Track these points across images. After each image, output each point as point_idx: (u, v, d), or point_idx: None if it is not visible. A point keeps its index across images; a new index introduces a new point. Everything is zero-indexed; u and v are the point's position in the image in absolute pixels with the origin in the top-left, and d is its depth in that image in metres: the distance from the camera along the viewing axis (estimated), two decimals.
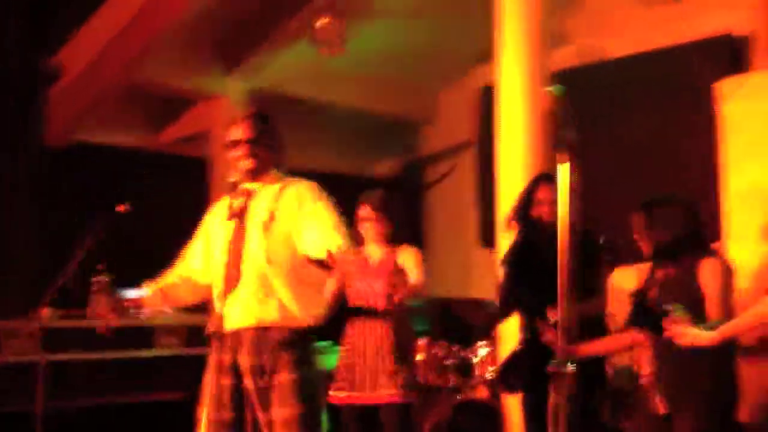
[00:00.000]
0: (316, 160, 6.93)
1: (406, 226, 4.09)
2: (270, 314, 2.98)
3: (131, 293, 4.48)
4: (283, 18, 6.03)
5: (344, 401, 3.85)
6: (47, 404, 4.10)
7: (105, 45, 5.99)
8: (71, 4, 6.38)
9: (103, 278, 3.56)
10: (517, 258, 3.79)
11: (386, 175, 8.09)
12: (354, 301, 3.92)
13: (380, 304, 3.84)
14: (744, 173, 4.44)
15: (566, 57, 6.48)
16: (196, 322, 3.31)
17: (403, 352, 3.82)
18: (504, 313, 3.91)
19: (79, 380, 4.38)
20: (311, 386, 3.00)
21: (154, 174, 6.49)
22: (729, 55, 5.47)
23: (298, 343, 2.99)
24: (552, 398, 2.28)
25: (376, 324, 3.84)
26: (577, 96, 6.15)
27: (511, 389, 3.95)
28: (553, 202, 3.70)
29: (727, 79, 4.68)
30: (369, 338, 3.85)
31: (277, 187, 3.12)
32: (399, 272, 3.50)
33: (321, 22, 5.68)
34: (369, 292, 3.88)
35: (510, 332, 4.15)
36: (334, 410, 3.97)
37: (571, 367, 2.27)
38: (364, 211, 3.96)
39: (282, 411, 2.90)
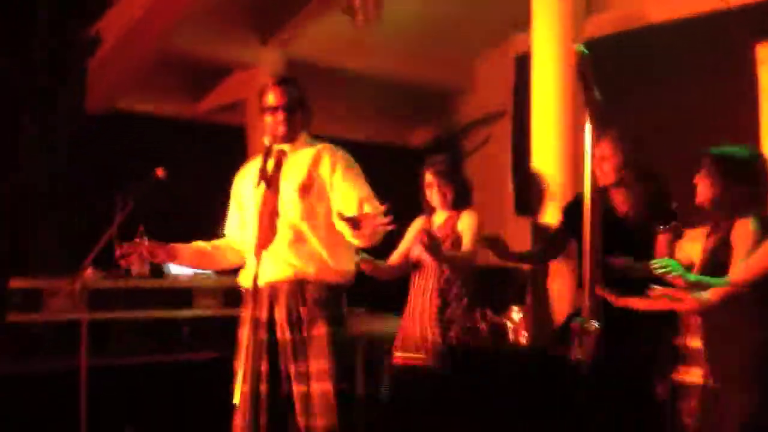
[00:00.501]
0: (352, 129, 6.97)
1: (470, 190, 4.08)
2: (306, 267, 3.05)
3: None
4: None
5: (398, 361, 3.97)
6: (90, 362, 4.23)
7: (141, 14, 6.04)
8: None
9: (143, 240, 3.63)
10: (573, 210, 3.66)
11: (423, 144, 8.10)
12: (414, 265, 3.99)
13: (428, 270, 3.92)
14: None
15: (605, 23, 6.44)
16: (234, 284, 3.36)
17: (445, 316, 3.87)
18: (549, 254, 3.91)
19: (120, 339, 4.49)
20: (343, 342, 3.06)
21: (192, 142, 6.58)
22: None
23: (332, 300, 3.07)
24: (574, 354, 2.27)
25: (426, 288, 3.92)
26: (615, 62, 6.18)
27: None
28: (607, 158, 3.66)
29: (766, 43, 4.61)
30: (419, 302, 3.94)
31: (311, 150, 3.18)
32: (432, 237, 3.56)
33: None
34: (422, 255, 3.91)
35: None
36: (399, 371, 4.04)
37: (595, 325, 2.26)
38: (428, 176, 3.99)
39: (316, 363, 2.98)
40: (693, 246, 3.57)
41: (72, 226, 5.42)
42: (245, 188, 3.27)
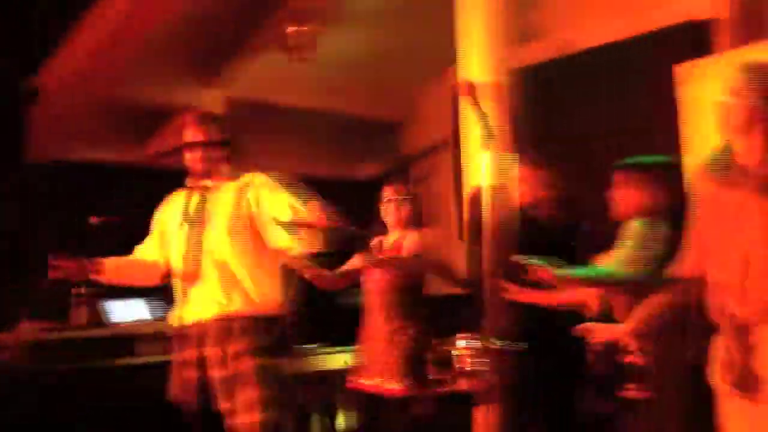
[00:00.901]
0: (298, 165, 6.97)
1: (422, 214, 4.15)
2: (232, 304, 3.06)
3: (112, 304, 4.56)
4: (255, 27, 6.11)
5: (355, 387, 3.98)
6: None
7: (82, 63, 6.09)
8: (52, 25, 6.49)
9: (84, 290, 3.63)
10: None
11: (371, 177, 8.17)
12: (363, 286, 4.01)
13: (377, 294, 3.94)
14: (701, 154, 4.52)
15: (540, 51, 6.64)
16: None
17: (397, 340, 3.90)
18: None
19: (60, 388, 4.44)
20: (275, 372, 3.05)
21: (137, 187, 6.56)
22: (692, 41, 5.55)
23: (262, 331, 3.07)
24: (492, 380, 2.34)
25: (380, 311, 3.93)
26: (550, 87, 6.35)
27: None
28: (525, 180, 3.81)
29: (685, 63, 4.78)
30: (373, 323, 3.95)
31: (235, 184, 3.21)
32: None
33: (291, 29, 5.77)
34: (370, 281, 3.98)
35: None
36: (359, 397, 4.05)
37: (517, 345, 2.34)
38: (388, 192, 4.05)
39: (243, 395, 2.97)
40: None
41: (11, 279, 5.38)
42: (167, 224, 3.29)
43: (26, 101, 6.66)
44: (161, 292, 3.69)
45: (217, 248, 3.10)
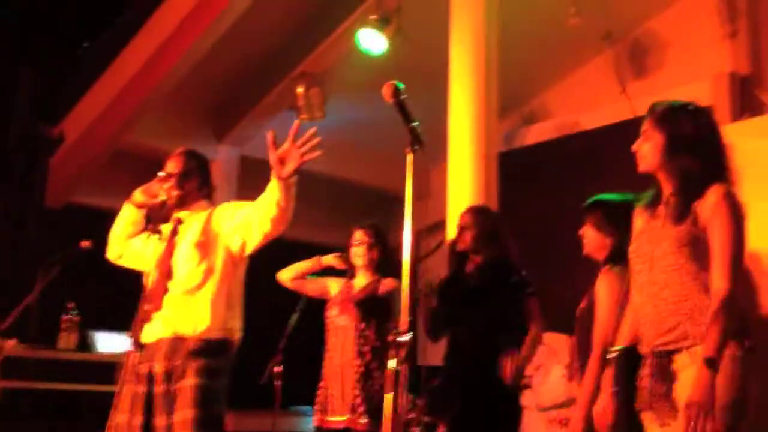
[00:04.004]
0: (309, 231, 7.17)
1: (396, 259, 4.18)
2: (187, 326, 3.15)
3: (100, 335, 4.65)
4: (268, 87, 6.37)
5: (320, 425, 3.95)
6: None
7: (100, 113, 6.38)
8: (75, 76, 6.84)
9: (73, 317, 3.73)
10: (445, 287, 3.96)
11: None
12: (328, 324, 4.02)
13: (349, 332, 3.94)
14: None
15: (545, 130, 6.81)
16: None
17: (366, 374, 3.90)
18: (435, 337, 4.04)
19: (36, 410, 4.51)
20: (214, 394, 3.09)
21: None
22: None
23: (210, 353, 3.13)
24: (391, 364, 2.39)
25: (345, 347, 3.93)
26: (554, 164, 6.45)
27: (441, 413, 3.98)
28: (467, 228, 3.91)
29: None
30: (338, 362, 3.95)
31: (205, 213, 3.35)
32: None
33: (300, 91, 6.00)
34: (339, 318, 3.99)
35: None
36: None
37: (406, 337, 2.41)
38: (359, 234, 4.09)
39: (181, 413, 3.00)
40: None
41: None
42: (145, 247, 3.41)
43: (50, 150, 6.97)
44: None
45: (183, 270, 3.22)
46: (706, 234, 2.42)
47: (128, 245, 3.46)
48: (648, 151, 2.58)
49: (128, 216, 3.44)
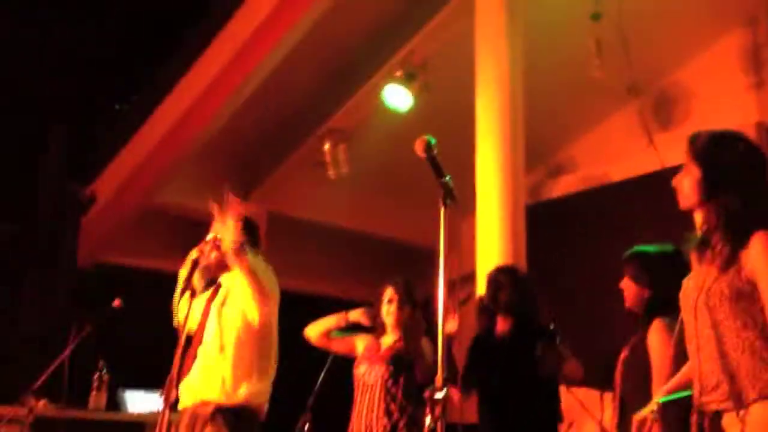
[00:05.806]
0: (333, 285, 7.18)
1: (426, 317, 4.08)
2: (210, 393, 3.16)
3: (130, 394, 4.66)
4: (294, 143, 6.43)
5: None
6: None
7: (132, 172, 6.46)
8: (106, 136, 6.96)
9: (103, 375, 3.76)
10: (476, 345, 3.91)
11: None
12: (356, 381, 3.99)
13: (376, 389, 3.90)
14: None
15: (573, 182, 6.81)
16: None
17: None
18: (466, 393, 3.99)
19: None
20: None
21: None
22: None
23: (230, 417, 3.13)
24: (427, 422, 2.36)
25: (372, 405, 3.89)
26: (582, 217, 6.41)
27: None
28: (502, 288, 3.89)
29: None
30: (364, 420, 3.90)
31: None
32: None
33: (327, 146, 6.05)
34: (368, 376, 3.95)
35: None
36: None
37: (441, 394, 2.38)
38: (390, 291, 4.06)
39: None
40: None
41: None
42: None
43: (82, 210, 7.06)
44: None
45: (210, 336, 3.24)
46: (752, 287, 2.18)
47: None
48: (687, 186, 2.36)
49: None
